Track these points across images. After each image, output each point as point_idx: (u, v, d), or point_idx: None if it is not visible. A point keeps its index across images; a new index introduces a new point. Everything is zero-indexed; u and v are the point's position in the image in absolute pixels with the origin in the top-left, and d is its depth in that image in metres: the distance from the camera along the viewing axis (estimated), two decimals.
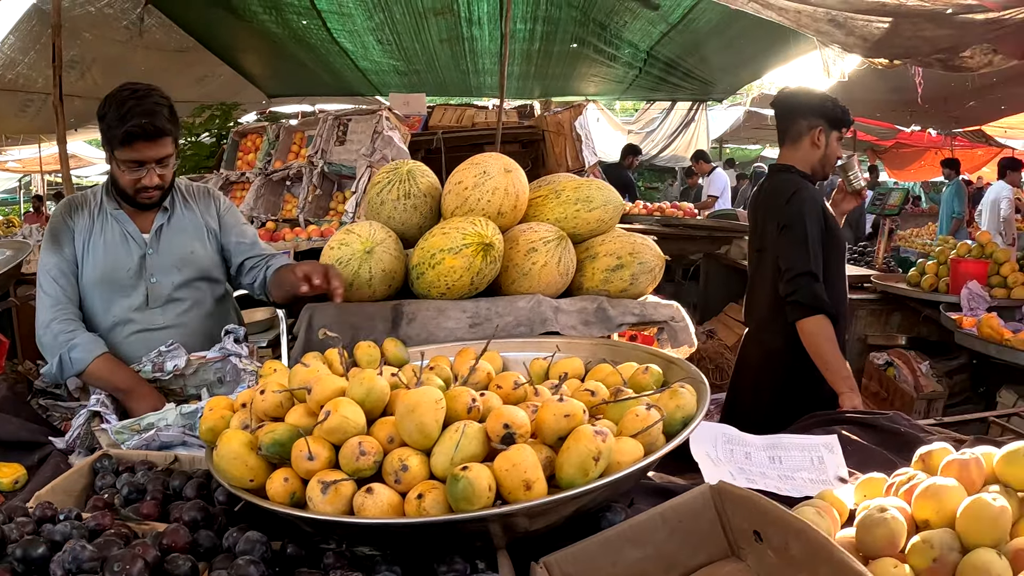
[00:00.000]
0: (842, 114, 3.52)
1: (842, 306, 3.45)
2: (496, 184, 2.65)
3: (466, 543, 1.45)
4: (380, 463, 1.46)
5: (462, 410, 1.51)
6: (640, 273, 2.62)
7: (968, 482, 1.61)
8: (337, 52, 9.66)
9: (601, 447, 1.37)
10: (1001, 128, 14.00)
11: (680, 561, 1.47)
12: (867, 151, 19.60)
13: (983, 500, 1.50)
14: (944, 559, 1.47)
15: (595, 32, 8.75)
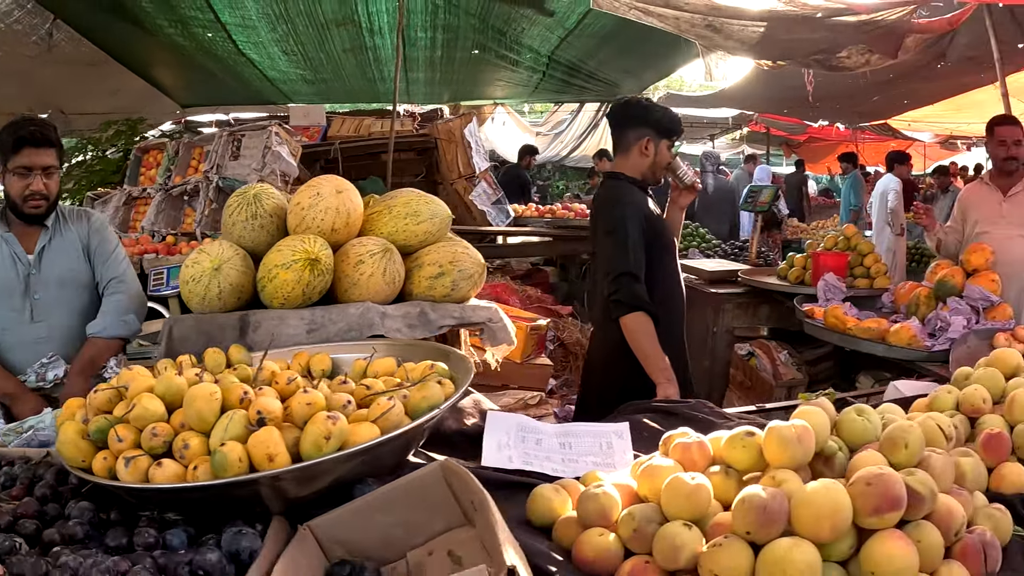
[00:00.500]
0: (670, 124, 3.86)
1: (673, 301, 3.82)
2: (328, 204, 2.96)
3: (247, 508, 1.80)
4: (170, 443, 1.83)
5: (235, 401, 1.86)
6: (460, 280, 2.97)
7: (689, 462, 1.91)
8: (245, 63, 9.89)
9: (332, 429, 1.73)
10: (905, 121, 14.58)
11: (423, 527, 1.81)
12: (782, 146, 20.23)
13: (680, 478, 1.78)
14: (643, 529, 1.74)
15: (495, 38, 9.11)
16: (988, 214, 5.21)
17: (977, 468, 2.07)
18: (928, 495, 1.73)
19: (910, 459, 1.87)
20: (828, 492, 1.65)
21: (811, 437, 1.86)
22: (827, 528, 1.62)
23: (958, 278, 4.57)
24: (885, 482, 1.67)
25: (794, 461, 1.83)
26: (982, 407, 2.44)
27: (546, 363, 4.20)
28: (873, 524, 1.67)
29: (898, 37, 7.16)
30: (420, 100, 11.93)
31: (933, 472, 1.83)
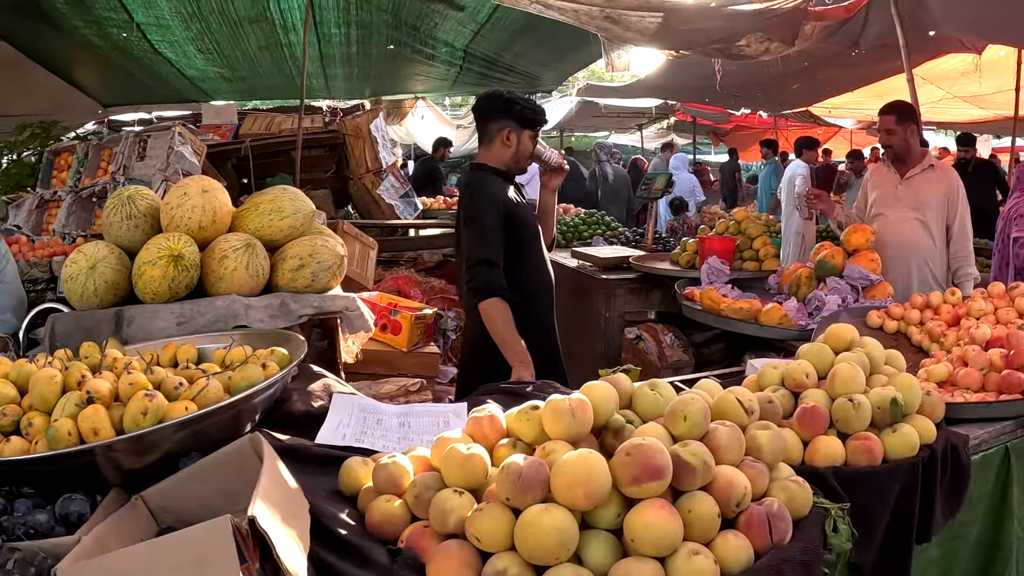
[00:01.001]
0: (532, 114, 4.03)
1: (540, 287, 4.06)
2: (194, 203, 3.18)
3: (88, 480, 2.02)
4: (18, 421, 2.09)
5: (75, 383, 2.12)
6: (319, 271, 3.19)
7: (481, 436, 2.09)
8: (162, 62, 9.97)
9: (148, 405, 1.97)
10: (826, 108, 14.95)
11: (241, 496, 2.00)
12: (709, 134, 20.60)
13: (455, 448, 1.94)
14: (422, 496, 1.92)
15: (409, 34, 9.31)
16: (885, 196, 5.41)
17: (775, 441, 2.10)
18: (700, 466, 1.83)
19: (690, 431, 1.96)
20: (582, 461, 1.75)
21: (586, 410, 1.96)
22: (581, 495, 1.72)
23: (838, 258, 4.75)
24: (644, 452, 1.76)
25: (569, 433, 1.94)
26: (804, 382, 2.55)
27: (433, 351, 4.41)
28: (635, 493, 1.76)
29: (795, 24, 7.40)
30: (342, 96, 12.10)
31: (718, 444, 1.94)
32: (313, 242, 3.24)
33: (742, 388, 2.32)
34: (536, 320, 3.97)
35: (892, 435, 2.41)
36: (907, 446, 2.40)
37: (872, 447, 2.35)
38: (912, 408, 2.52)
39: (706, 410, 2.01)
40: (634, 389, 2.22)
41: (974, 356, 3.33)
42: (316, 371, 2.98)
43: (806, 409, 2.40)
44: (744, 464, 1.97)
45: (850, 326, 2.84)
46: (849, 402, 2.39)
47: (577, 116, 17.61)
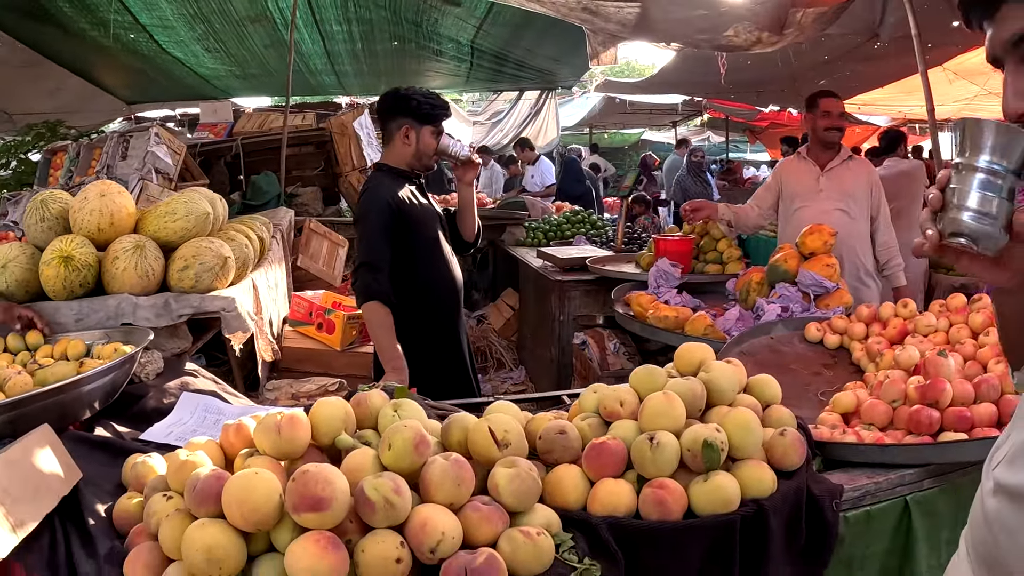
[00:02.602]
0: (431, 109, 3.95)
1: (439, 291, 4.03)
2: (92, 207, 3.34)
3: None
4: None
5: None
6: (202, 272, 3.33)
7: (228, 444, 2.04)
8: (172, 62, 10.27)
9: None
10: (855, 105, 14.74)
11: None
12: (745, 132, 20.41)
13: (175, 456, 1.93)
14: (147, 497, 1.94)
15: (411, 30, 9.49)
16: (805, 188, 5.24)
17: (516, 482, 1.79)
18: (380, 502, 1.62)
19: (395, 461, 1.76)
20: (244, 481, 1.64)
21: (296, 427, 1.84)
22: (238, 515, 1.62)
23: (791, 262, 4.34)
24: (306, 480, 1.61)
25: (276, 450, 1.84)
26: (617, 410, 2.14)
27: (368, 351, 4.53)
28: (302, 522, 1.62)
29: (782, 12, 7.22)
30: (356, 92, 12.31)
31: (429, 479, 1.73)
32: (199, 244, 3.37)
33: (505, 417, 2.00)
34: (437, 324, 4.00)
35: (700, 484, 1.94)
36: (718, 500, 1.92)
37: (664, 498, 1.90)
38: (745, 451, 2.04)
39: (419, 439, 1.78)
40: (380, 409, 2.05)
41: (887, 385, 2.75)
42: (188, 369, 3.12)
43: (595, 445, 2.01)
44: (469, 506, 1.73)
45: (704, 346, 2.38)
46: (648, 441, 1.95)
47: (602, 113, 17.61)
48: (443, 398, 3.27)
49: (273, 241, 5.15)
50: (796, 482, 2.09)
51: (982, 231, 1.31)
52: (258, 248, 4.06)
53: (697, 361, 2.28)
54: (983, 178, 1.31)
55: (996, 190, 1.31)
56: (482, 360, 6.77)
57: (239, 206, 7.00)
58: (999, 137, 1.32)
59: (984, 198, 1.31)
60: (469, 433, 1.93)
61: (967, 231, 1.32)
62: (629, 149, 26.27)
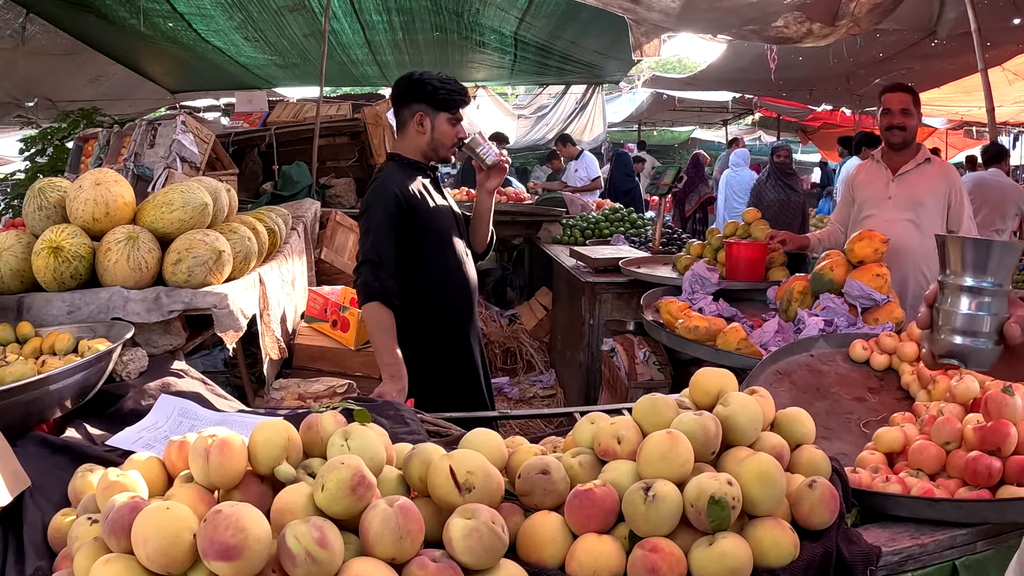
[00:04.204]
0: (447, 95, 3.67)
1: (448, 293, 3.75)
2: (87, 196, 3.21)
3: None
4: None
5: None
6: (195, 266, 3.16)
7: (170, 464, 1.82)
8: (212, 50, 10.24)
9: None
10: None
11: None
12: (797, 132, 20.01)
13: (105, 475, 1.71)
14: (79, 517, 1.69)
15: (452, 20, 9.36)
16: (874, 194, 4.84)
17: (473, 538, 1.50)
18: (301, 555, 1.40)
19: (329, 505, 1.52)
20: (157, 517, 1.45)
21: (228, 454, 1.62)
22: (144, 556, 1.44)
23: (838, 271, 3.99)
24: (216, 523, 1.40)
25: (204, 478, 1.63)
26: (614, 448, 1.84)
27: None
28: (213, 569, 1.42)
29: (835, 1, 6.90)
30: None
31: (368, 528, 1.49)
32: (194, 236, 3.20)
33: (472, 455, 1.70)
34: (446, 328, 3.78)
35: (704, 549, 1.63)
36: (725, 569, 1.61)
37: (657, 564, 1.59)
38: (763, 508, 1.72)
39: (357, 480, 1.52)
40: (331, 437, 1.77)
41: (940, 423, 2.32)
42: (175, 368, 2.96)
43: (579, 492, 1.70)
44: (415, 562, 1.49)
45: (725, 373, 2.03)
46: (643, 491, 1.64)
47: (650, 109, 17.33)
48: (450, 409, 3.08)
49: (293, 233, 5.00)
50: (824, 545, 1.76)
51: (972, 351, 1.32)
52: (266, 241, 3.87)
53: (715, 391, 1.94)
54: (970, 298, 1.32)
55: (985, 308, 1.32)
56: (512, 361, 6.57)
57: (268, 196, 6.86)
58: (983, 254, 1.32)
59: (973, 319, 1.32)
60: (429, 472, 1.66)
61: (957, 353, 1.33)
62: (679, 147, 25.97)
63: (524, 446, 1.94)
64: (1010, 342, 1.31)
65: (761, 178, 10.90)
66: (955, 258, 1.35)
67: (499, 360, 6.54)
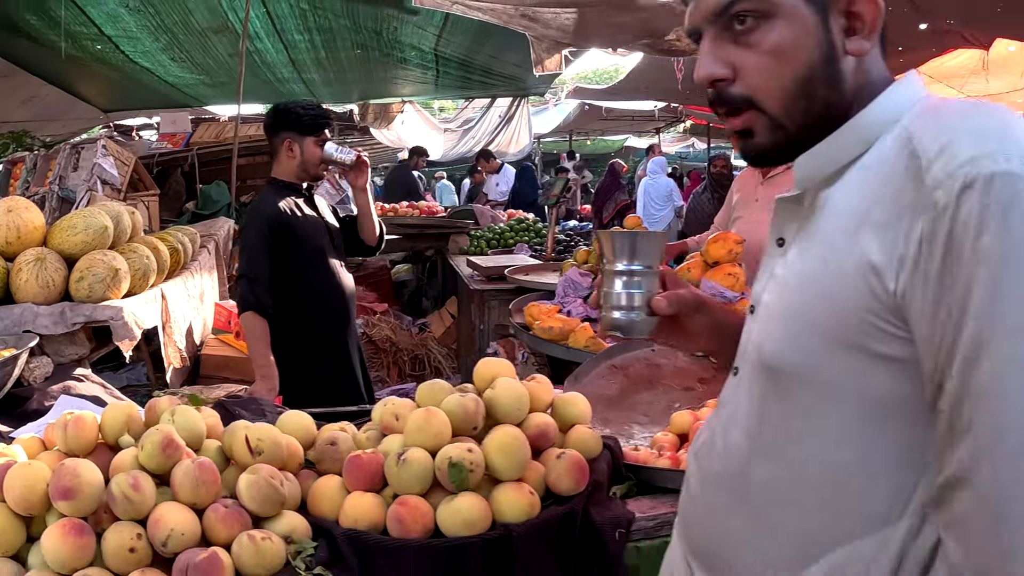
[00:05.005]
0: (311, 120, 4.12)
1: (326, 303, 4.21)
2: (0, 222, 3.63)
3: None
4: None
5: None
6: (95, 283, 3.62)
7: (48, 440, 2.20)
8: (141, 71, 10.52)
9: None
10: None
11: None
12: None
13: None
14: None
15: (372, 38, 9.73)
16: (746, 197, 5.04)
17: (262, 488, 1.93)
18: (120, 496, 1.84)
19: (147, 461, 1.95)
20: (20, 471, 1.85)
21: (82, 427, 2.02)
22: (11, 501, 1.83)
23: (695, 271, 4.22)
24: (60, 473, 1.82)
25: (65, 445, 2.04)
26: (393, 424, 2.22)
27: None
28: (59, 508, 1.82)
29: None
30: (329, 101, 12.57)
31: (173, 479, 1.92)
32: (93, 256, 3.67)
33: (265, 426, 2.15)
34: (323, 333, 4.21)
35: (445, 504, 1.97)
36: (460, 521, 1.94)
37: (403, 515, 1.94)
38: (506, 474, 2.04)
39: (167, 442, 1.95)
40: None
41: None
42: (77, 374, 3.40)
43: (351, 458, 2.07)
44: (211, 507, 1.90)
45: (504, 362, 2.42)
46: (397, 457, 1.99)
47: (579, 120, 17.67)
48: (328, 407, 3.38)
49: (203, 251, 5.44)
50: (569, 508, 2.07)
51: (629, 323, 1.58)
52: (167, 259, 4.32)
53: (490, 377, 2.29)
54: (624, 280, 1.58)
55: (636, 287, 1.58)
56: (420, 368, 7.04)
57: (189, 215, 7.27)
58: (628, 244, 1.59)
59: (628, 296, 1.58)
60: (233, 440, 2.08)
61: (617, 326, 1.59)
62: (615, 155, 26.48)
63: (330, 425, 2.39)
64: (657, 313, 1.56)
65: (699, 191, 11.49)
66: (607, 249, 1.61)
67: (408, 367, 7.02)
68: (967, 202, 1.00)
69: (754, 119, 1.27)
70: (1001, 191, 0.98)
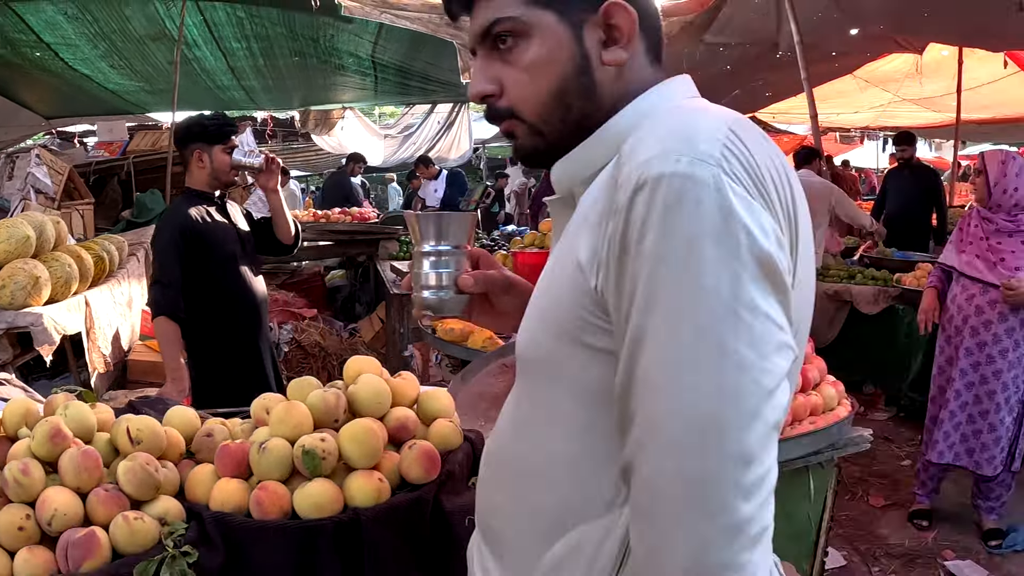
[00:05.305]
0: (217, 129, 4.23)
1: (237, 309, 4.33)
2: None
3: None
4: None
5: None
6: (16, 290, 3.82)
7: None
8: (81, 78, 10.64)
9: None
10: (770, 114, 15.23)
11: None
12: None
13: None
14: None
15: (310, 45, 9.95)
16: None
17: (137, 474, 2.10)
18: (11, 480, 2.00)
19: (37, 449, 2.11)
20: None
21: None
22: None
23: None
24: None
25: None
26: (263, 417, 2.34)
27: None
28: None
29: None
30: (270, 107, 12.76)
31: (59, 465, 2.07)
32: (15, 265, 3.86)
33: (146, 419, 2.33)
34: (234, 336, 4.34)
35: (300, 489, 2.12)
36: (311, 505, 2.10)
37: (261, 499, 2.09)
38: (359, 462, 2.19)
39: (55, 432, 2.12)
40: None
41: None
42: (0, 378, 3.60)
43: (221, 447, 2.23)
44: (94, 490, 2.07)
45: (370, 360, 2.54)
46: (258, 446, 2.14)
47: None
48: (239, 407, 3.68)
49: (132, 258, 5.62)
50: (420, 495, 2.18)
51: (439, 302, 1.60)
52: (91, 267, 4.51)
53: (355, 373, 2.42)
54: (432, 260, 1.59)
55: (443, 266, 1.59)
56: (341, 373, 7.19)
57: (124, 223, 7.41)
58: (435, 225, 1.60)
59: (436, 275, 1.59)
60: (116, 429, 2.23)
61: (429, 306, 1.61)
62: None
63: (214, 420, 2.53)
64: (464, 291, 1.57)
65: None
66: (415, 230, 1.62)
67: (337, 371, 7.19)
68: (638, 203, 1.04)
69: (515, 126, 1.34)
70: (667, 192, 1.02)
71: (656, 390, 1.03)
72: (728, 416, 1.00)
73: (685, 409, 1.01)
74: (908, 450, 6.09)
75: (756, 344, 1.02)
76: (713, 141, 1.06)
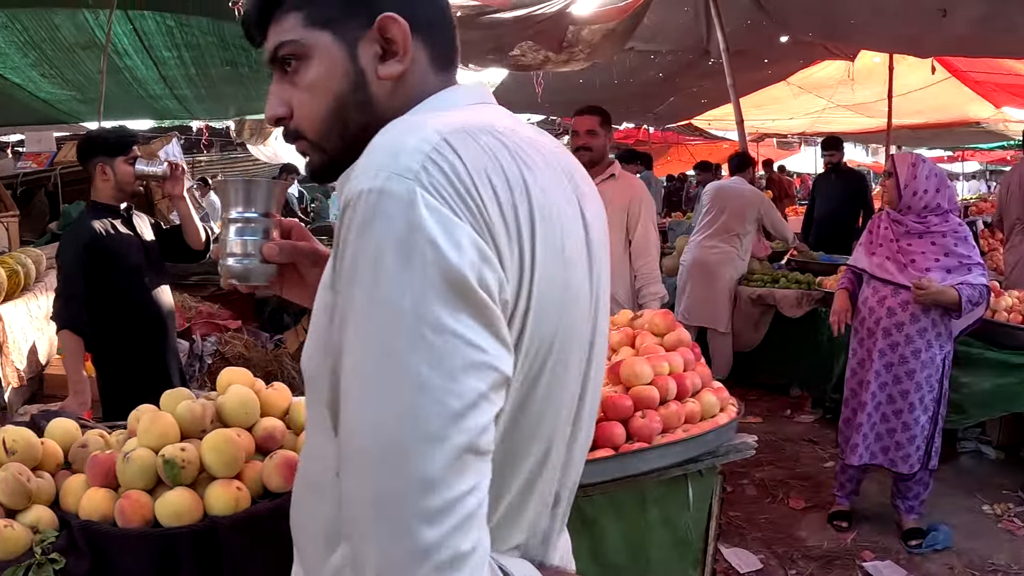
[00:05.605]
0: (117, 140, 4.23)
1: (142, 321, 4.33)
2: None
3: None
4: None
5: None
6: None
7: None
8: (12, 87, 10.46)
9: None
10: (706, 121, 15.35)
11: None
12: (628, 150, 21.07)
13: None
14: None
15: (241, 54, 9.85)
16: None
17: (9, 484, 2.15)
18: None
19: None
20: None
21: None
22: None
23: None
24: None
25: None
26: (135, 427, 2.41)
27: None
28: None
29: (560, 30, 7.57)
30: (205, 116, 12.68)
31: None
32: None
33: (20, 430, 2.37)
34: (140, 348, 4.35)
35: (161, 498, 2.17)
36: (169, 513, 2.14)
37: (124, 507, 2.14)
38: (219, 471, 2.24)
39: None
40: None
41: None
42: None
43: (91, 457, 2.28)
44: None
45: (242, 371, 2.65)
46: (124, 455, 2.20)
47: None
48: None
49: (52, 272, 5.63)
50: (278, 503, 2.22)
51: (244, 271, 1.56)
52: (3, 281, 4.54)
53: (226, 384, 2.49)
54: (238, 227, 1.55)
55: (248, 233, 1.55)
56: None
57: (50, 235, 7.39)
58: (241, 191, 1.56)
59: (242, 243, 1.55)
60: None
61: (234, 274, 1.56)
62: None
63: (93, 431, 2.57)
64: (269, 259, 1.55)
65: None
66: (223, 198, 1.59)
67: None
68: (344, 220, 1.05)
69: (304, 145, 1.37)
70: (364, 208, 1.02)
71: (348, 409, 1.04)
72: (407, 438, 0.99)
73: (369, 430, 1.01)
74: (832, 452, 6.14)
75: (439, 364, 1.00)
76: (415, 154, 1.05)
